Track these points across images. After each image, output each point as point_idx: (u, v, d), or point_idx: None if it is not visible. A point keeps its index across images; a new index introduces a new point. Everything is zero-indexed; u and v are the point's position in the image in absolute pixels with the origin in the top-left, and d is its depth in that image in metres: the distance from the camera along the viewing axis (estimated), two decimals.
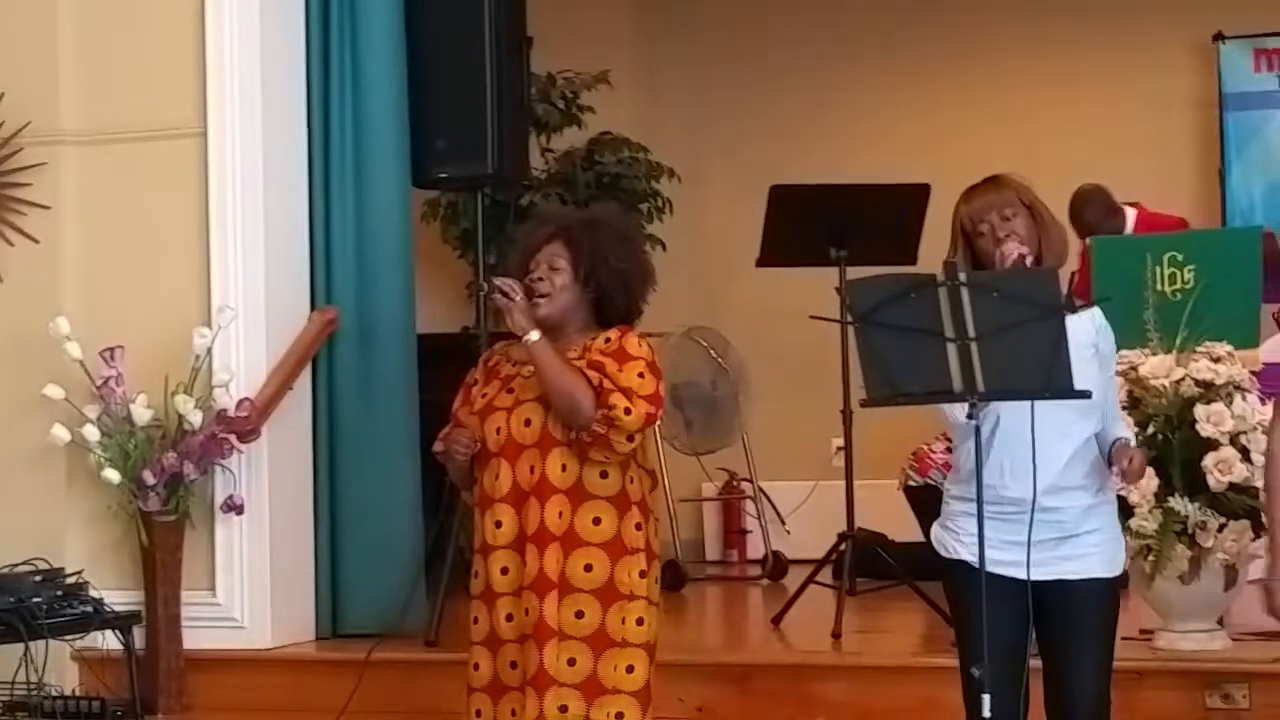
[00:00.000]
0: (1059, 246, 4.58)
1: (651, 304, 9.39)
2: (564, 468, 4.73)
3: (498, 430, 4.79)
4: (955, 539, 4.57)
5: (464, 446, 4.82)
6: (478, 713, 4.82)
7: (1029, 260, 4.48)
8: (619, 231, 4.91)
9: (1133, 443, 4.59)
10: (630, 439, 4.69)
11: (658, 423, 8.44)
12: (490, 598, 4.78)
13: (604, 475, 4.74)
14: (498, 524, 4.76)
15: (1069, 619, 4.50)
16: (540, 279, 4.80)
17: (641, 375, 4.72)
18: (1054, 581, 4.47)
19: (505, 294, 4.74)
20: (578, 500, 4.73)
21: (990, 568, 4.42)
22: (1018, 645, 4.49)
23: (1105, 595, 4.53)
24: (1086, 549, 4.48)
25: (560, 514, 4.70)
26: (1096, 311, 4.57)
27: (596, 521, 4.73)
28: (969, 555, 4.50)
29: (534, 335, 4.70)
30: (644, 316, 4.54)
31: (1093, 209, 8.36)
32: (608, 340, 4.78)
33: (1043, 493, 4.45)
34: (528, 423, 4.75)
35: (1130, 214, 8.47)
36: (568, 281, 4.80)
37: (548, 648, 4.67)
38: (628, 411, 4.65)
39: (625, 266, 4.83)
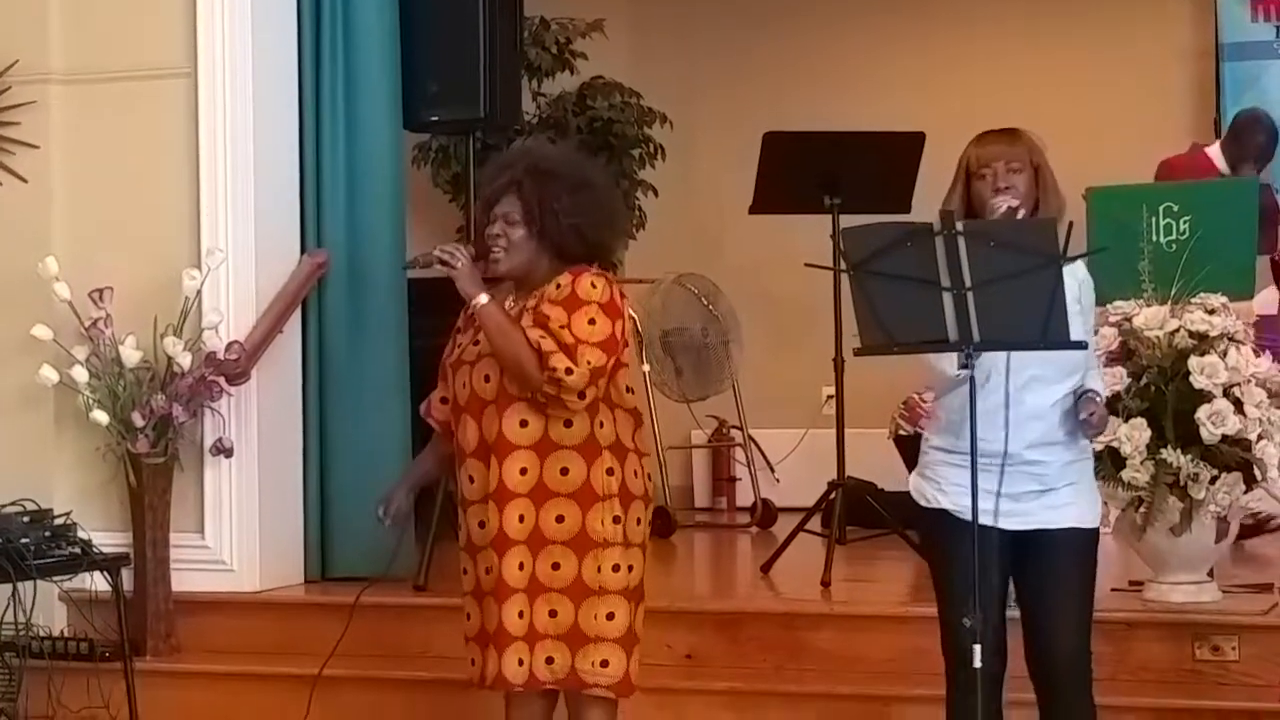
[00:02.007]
0: (1055, 212, 4.55)
1: (643, 250, 9.38)
2: (523, 423, 4.70)
3: (464, 384, 4.78)
4: (936, 488, 4.60)
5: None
6: (472, 661, 4.84)
7: (1020, 215, 4.47)
8: (572, 180, 4.80)
9: (1100, 396, 4.58)
10: (582, 395, 4.65)
11: (645, 367, 8.49)
12: (473, 550, 4.80)
13: (568, 424, 4.72)
14: (470, 479, 4.76)
15: (1048, 568, 4.51)
16: (498, 235, 4.77)
17: (592, 321, 4.66)
18: (1033, 531, 4.49)
19: (445, 263, 4.71)
20: (544, 453, 4.71)
21: (968, 516, 4.44)
22: (998, 593, 4.50)
23: (1083, 545, 4.56)
24: (1067, 500, 4.52)
25: (523, 470, 4.68)
26: (1079, 265, 4.56)
27: (564, 471, 4.71)
28: (949, 504, 4.55)
29: (482, 299, 4.67)
30: (635, 262, 4.54)
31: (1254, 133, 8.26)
32: (559, 286, 4.72)
33: (1026, 447, 4.47)
34: (487, 378, 4.73)
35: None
36: (522, 236, 4.76)
37: (507, 605, 4.67)
38: (569, 371, 4.60)
39: (577, 221, 4.75)
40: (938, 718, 4.82)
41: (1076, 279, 4.53)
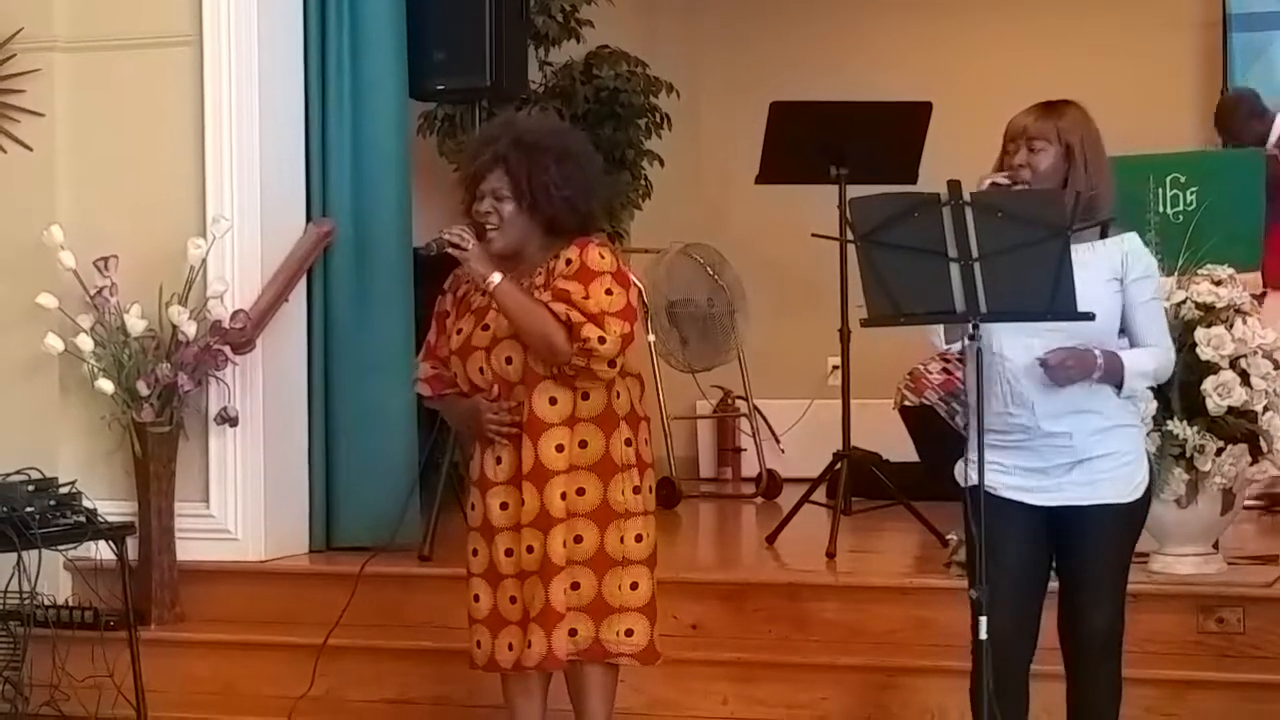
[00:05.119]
0: (1086, 190, 4.49)
1: (648, 220, 9.34)
2: (553, 400, 4.71)
3: (480, 370, 4.77)
4: (970, 466, 4.57)
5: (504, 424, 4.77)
6: (478, 643, 4.84)
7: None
8: (557, 151, 4.80)
9: (1142, 366, 4.48)
10: (612, 364, 4.67)
11: (651, 337, 8.47)
12: (489, 532, 4.79)
13: (585, 397, 4.73)
14: (499, 460, 4.75)
15: (1082, 544, 4.48)
16: (488, 212, 4.76)
17: (610, 291, 4.68)
18: (1068, 507, 4.46)
19: (457, 245, 4.69)
20: (571, 427, 4.73)
21: (1004, 493, 4.42)
22: (1030, 570, 4.48)
23: (1119, 520, 4.50)
24: (1099, 474, 4.45)
25: (559, 447, 4.70)
26: (1126, 238, 4.52)
27: (583, 444, 4.73)
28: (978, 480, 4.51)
29: (495, 279, 4.67)
30: (641, 232, 4.53)
31: (1235, 115, 8.22)
32: (568, 261, 4.72)
33: (1047, 418, 4.43)
34: (509, 360, 4.73)
35: None
36: (513, 210, 4.75)
37: (554, 584, 4.67)
38: (602, 340, 4.62)
39: (568, 192, 4.76)
40: (943, 689, 4.83)
41: (1121, 251, 4.48)
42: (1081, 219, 4.33)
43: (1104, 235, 4.51)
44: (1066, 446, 4.44)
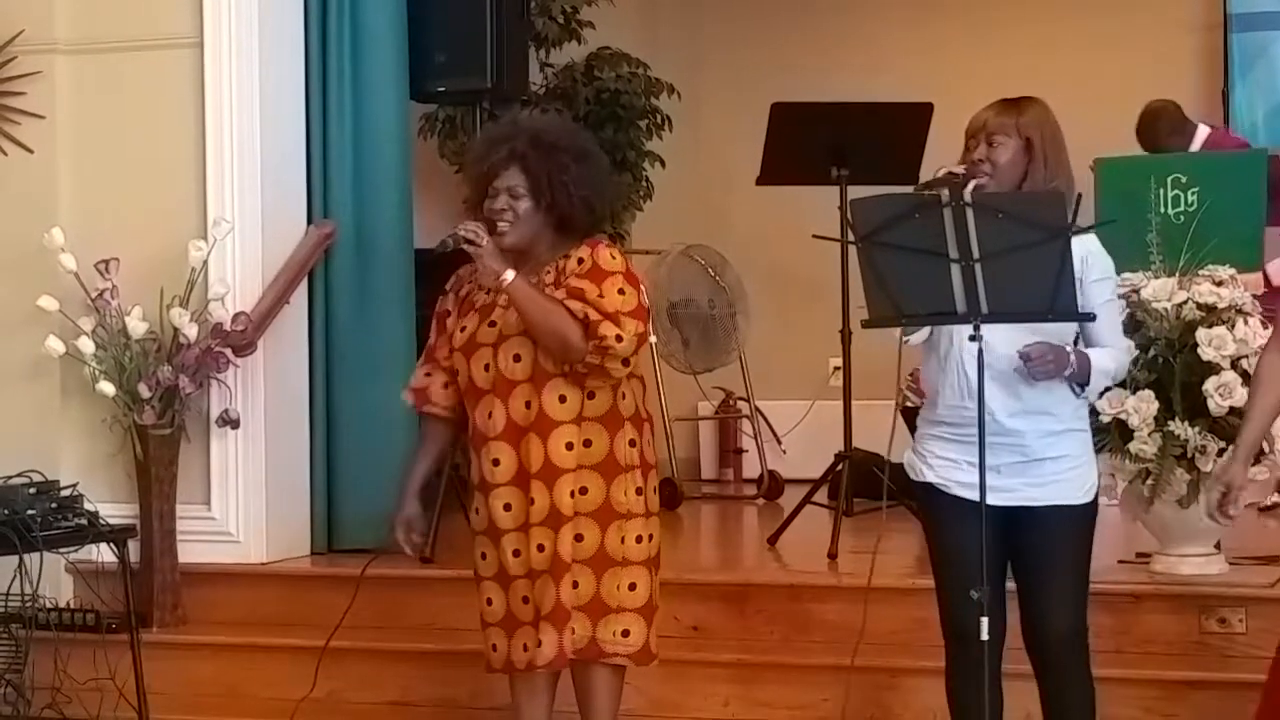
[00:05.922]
0: (1045, 186, 4.49)
1: (650, 221, 9.34)
2: (563, 399, 4.71)
3: (485, 367, 4.76)
4: (922, 461, 4.60)
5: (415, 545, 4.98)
6: (494, 646, 4.84)
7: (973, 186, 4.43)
8: (575, 151, 4.81)
9: (1103, 365, 4.50)
10: (626, 362, 4.67)
11: (652, 338, 8.47)
12: (496, 534, 4.78)
13: (591, 396, 4.73)
14: (495, 462, 4.75)
15: (1039, 545, 4.49)
16: (504, 209, 4.75)
17: (622, 291, 4.68)
18: (1022, 509, 4.46)
19: (471, 241, 4.68)
20: (577, 425, 4.72)
21: (957, 490, 4.42)
22: (988, 568, 4.47)
23: (1072, 522, 4.52)
24: (1053, 475, 4.48)
25: (569, 445, 4.70)
26: (1086, 239, 4.52)
27: (588, 444, 4.73)
28: (934, 478, 4.54)
29: (509, 276, 4.66)
30: (642, 233, 4.53)
31: (1155, 128, 8.24)
32: (580, 261, 4.73)
33: (1003, 413, 4.43)
34: (517, 358, 4.72)
35: (1201, 132, 8.32)
36: (529, 208, 4.75)
37: (564, 581, 4.68)
38: (619, 339, 4.62)
39: (585, 192, 4.76)
40: (944, 689, 4.82)
41: (1081, 252, 4.48)
42: None
43: None
44: (1019, 445, 4.45)
